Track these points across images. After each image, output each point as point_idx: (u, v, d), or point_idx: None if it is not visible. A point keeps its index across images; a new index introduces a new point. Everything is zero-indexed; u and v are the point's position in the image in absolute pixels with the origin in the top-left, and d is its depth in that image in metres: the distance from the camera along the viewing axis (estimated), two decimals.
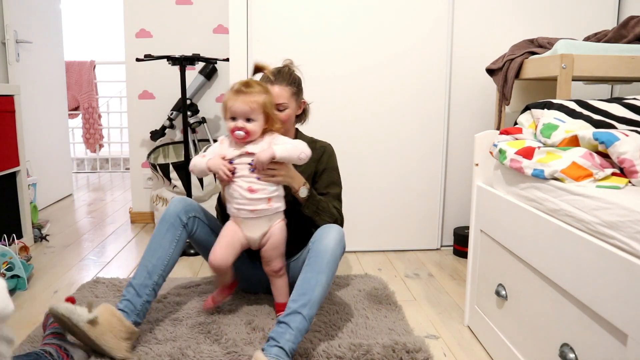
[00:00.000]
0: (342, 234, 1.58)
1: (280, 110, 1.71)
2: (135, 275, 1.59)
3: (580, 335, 1.07)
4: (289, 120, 1.76)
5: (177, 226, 1.66)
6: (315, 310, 1.46)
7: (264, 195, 1.57)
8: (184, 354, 1.48)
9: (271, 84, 1.70)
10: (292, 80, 1.76)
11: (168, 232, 1.65)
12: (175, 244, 1.65)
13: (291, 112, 1.76)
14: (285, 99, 1.72)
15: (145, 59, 2.57)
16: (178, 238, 1.66)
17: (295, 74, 1.79)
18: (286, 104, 1.73)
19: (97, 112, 5.22)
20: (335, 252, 1.52)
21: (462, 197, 2.63)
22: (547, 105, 1.48)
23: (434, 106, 2.51)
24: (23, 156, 2.57)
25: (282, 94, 1.71)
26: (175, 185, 2.74)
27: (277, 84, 1.71)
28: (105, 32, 5.89)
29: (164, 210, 1.70)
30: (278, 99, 1.69)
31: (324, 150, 1.85)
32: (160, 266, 1.60)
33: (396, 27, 2.44)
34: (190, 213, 1.71)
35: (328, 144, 1.89)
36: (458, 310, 1.89)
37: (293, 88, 1.75)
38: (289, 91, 1.74)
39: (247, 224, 1.62)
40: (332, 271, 1.52)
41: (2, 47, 3.01)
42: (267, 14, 2.39)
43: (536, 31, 2.44)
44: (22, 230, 2.57)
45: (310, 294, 1.46)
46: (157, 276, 1.59)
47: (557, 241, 1.15)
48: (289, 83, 1.74)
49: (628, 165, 1.13)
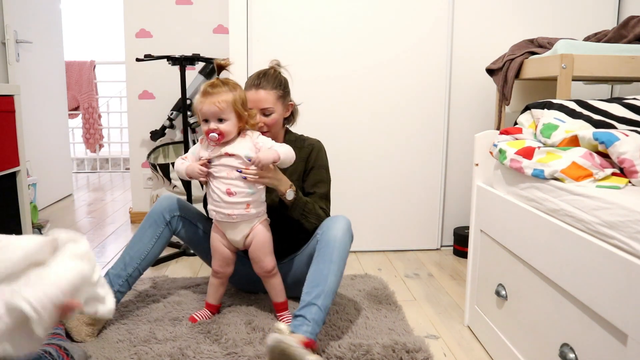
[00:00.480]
0: (349, 223, 1.60)
1: (267, 114, 1.69)
2: (113, 265, 1.67)
3: (580, 335, 1.07)
4: (276, 124, 1.73)
5: (160, 223, 1.72)
6: (330, 300, 1.47)
7: (242, 199, 1.56)
8: (184, 354, 1.48)
9: (256, 88, 1.68)
10: (277, 83, 1.72)
11: (150, 228, 1.71)
12: (155, 240, 1.70)
13: (277, 117, 1.72)
14: (271, 103, 1.68)
15: (145, 59, 2.57)
16: (159, 235, 1.71)
17: (282, 76, 1.75)
18: (272, 108, 1.69)
19: (97, 112, 5.22)
20: (344, 240, 1.55)
21: (462, 197, 2.63)
22: (547, 105, 1.48)
23: (434, 106, 2.51)
24: (23, 156, 2.57)
25: (267, 98, 1.67)
26: (175, 185, 2.74)
27: (262, 88, 1.68)
28: (105, 32, 5.89)
29: (152, 207, 1.74)
30: (264, 103, 1.67)
31: (312, 148, 1.81)
32: (137, 260, 1.67)
33: (396, 27, 2.44)
34: (175, 212, 1.74)
35: (317, 140, 1.85)
36: (458, 310, 1.89)
37: (279, 91, 1.71)
38: (275, 95, 1.69)
39: (226, 227, 1.63)
40: (343, 260, 1.54)
41: (2, 47, 3.01)
42: (267, 14, 2.39)
43: (536, 31, 2.44)
44: (22, 230, 2.56)
45: (324, 284, 1.47)
46: (132, 269, 1.67)
47: (557, 241, 1.15)
48: (274, 86, 1.70)
49: (628, 165, 1.13)
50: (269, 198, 1.70)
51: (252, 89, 1.68)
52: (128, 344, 1.54)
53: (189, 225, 1.78)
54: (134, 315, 1.75)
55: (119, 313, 1.76)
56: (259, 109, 1.67)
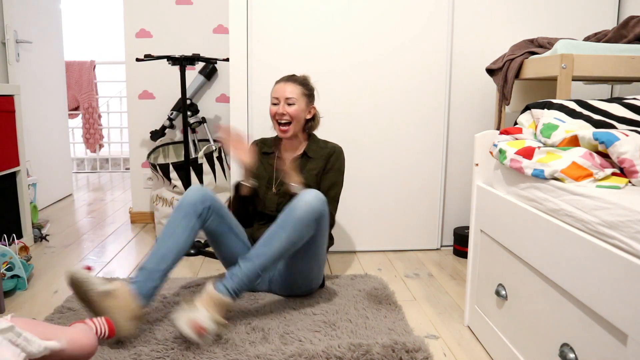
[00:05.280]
0: (318, 199, 1.67)
1: (290, 104, 1.92)
2: (148, 259, 1.63)
3: (580, 335, 1.07)
4: (298, 118, 1.94)
5: (192, 215, 1.71)
6: (268, 262, 1.63)
7: None
8: (184, 354, 1.48)
9: (285, 81, 1.95)
10: (304, 83, 1.97)
11: (184, 219, 1.70)
12: (188, 232, 1.69)
13: (299, 110, 1.94)
14: (296, 95, 1.93)
15: (145, 59, 2.57)
16: (192, 227, 1.70)
17: (310, 82, 2.01)
18: (295, 99, 1.93)
19: (97, 112, 5.22)
20: (303, 213, 1.64)
21: (462, 197, 2.63)
22: (547, 105, 1.48)
23: (434, 106, 2.51)
24: (23, 156, 2.57)
25: (293, 90, 1.93)
26: (175, 185, 2.74)
27: (290, 82, 1.95)
28: (105, 32, 5.89)
29: (180, 198, 1.74)
30: (289, 93, 1.92)
31: (333, 151, 2.01)
32: (172, 254, 1.64)
33: (397, 30, 2.43)
34: (207, 202, 1.75)
35: (338, 146, 2.04)
36: (458, 310, 1.89)
37: (304, 89, 1.96)
38: (300, 90, 1.95)
39: None
40: (297, 230, 1.64)
41: (2, 47, 3.01)
42: (267, 14, 2.39)
43: (536, 31, 2.44)
44: (22, 230, 2.57)
45: (268, 246, 1.63)
46: (168, 263, 1.64)
47: (557, 241, 1.15)
48: (301, 83, 1.96)
49: (628, 165, 1.13)
50: (285, 188, 1.89)
51: (282, 82, 1.96)
52: (128, 344, 1.54)
53: (219, 218, 1.80)
54: None
55: None
56: (284, 98, 1.92)
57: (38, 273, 2.25)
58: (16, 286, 2.02)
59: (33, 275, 2.21)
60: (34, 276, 2.20)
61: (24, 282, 2.04)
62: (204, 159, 2.68)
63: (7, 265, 2.00)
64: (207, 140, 3.02)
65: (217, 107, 3.08)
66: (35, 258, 2.45)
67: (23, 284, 2.04)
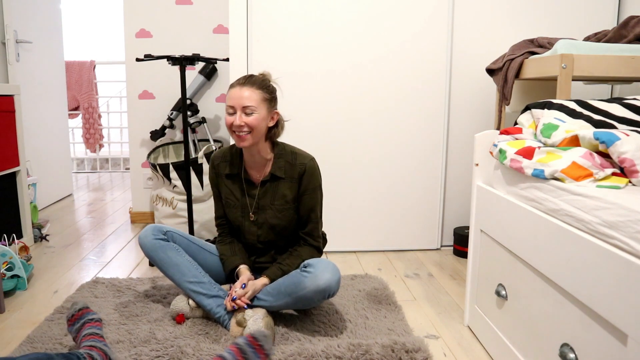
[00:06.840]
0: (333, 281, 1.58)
1: (248, 114, 1.61)
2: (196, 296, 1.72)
3: (580, 335, 1.07)
4: (258, 127, 1.63)
5: (164, 242, 1.74)
6: (272, 308, 1.68)
7: None
8: (184, 353, 1.48)
9: (240, 86, 1.63)
10: (264, 85, 1.65)
11: (169, 251, 1.74)
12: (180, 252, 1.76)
13: (260, 119, 1.62)
14: (255, 102, 1.61)
15: (145, 59, 2.56)
16: (177, 247, 1.76)
17: (270, 83, 1.69)
18: (255, 108, 1.61)
19: (97, 112, 5.21)
20: (312, 294, 1.58)
21: (462, 197, 2.63)
22: (547, 105, 1.48)
23: (434, 106, 2.51)
24: (23, 156, 2.57)
25: (251, 96, 1.61)
26: (175, 185, 2.74)
27: (247, 86, 1.62)
28: (105, 32, 5.89)
29: (141, 242, 1.75)
30: (246, 100, 1.60)
31: (304, 170, 1.72)
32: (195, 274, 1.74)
33: (397, 31, 2.43)
34: (163, 229, 1.78)
35: (309, 159, 1.74)
36: (458, 310, 1.89)
37: (264, 93, 1.64)
38: (260, 95, 1.62)
39: None
40: (305, 305, 1.63)
41: (2, 47, 3.01)
42: (267, 14, 2.39)
43: (536, 31, 2.44)
44: (22, 230, 2.57)
45: (275, 298, 1.66)
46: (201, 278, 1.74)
47: (557, 241, 1.15)
48: (260, 87, 1.64)
49: (628, 165, 1.13)
50: (262, 218, 1.77)
51: (237, 87, 1.63)
52: (128, 344, 1.54)
53: (183, 239, 1.82)
54: (134, 315, 1.76)
55: (119, 314, 1.77)
56: (240, 107, 1.61)
57: (38, 273, 2.25)
58: (16, 286, 2.02)
59: (33, 275, 2.21)
60: (34, 276, 2.20)
61: (24, 282, 2.04)
62: (204, 159, 2.68)
63: (7, 265, 2.00)
64: (207, 140, 3.02)
65: (217, 107, 3.08)
66: (35, 258, 2.45)
67: (23, 284, 2.04)
